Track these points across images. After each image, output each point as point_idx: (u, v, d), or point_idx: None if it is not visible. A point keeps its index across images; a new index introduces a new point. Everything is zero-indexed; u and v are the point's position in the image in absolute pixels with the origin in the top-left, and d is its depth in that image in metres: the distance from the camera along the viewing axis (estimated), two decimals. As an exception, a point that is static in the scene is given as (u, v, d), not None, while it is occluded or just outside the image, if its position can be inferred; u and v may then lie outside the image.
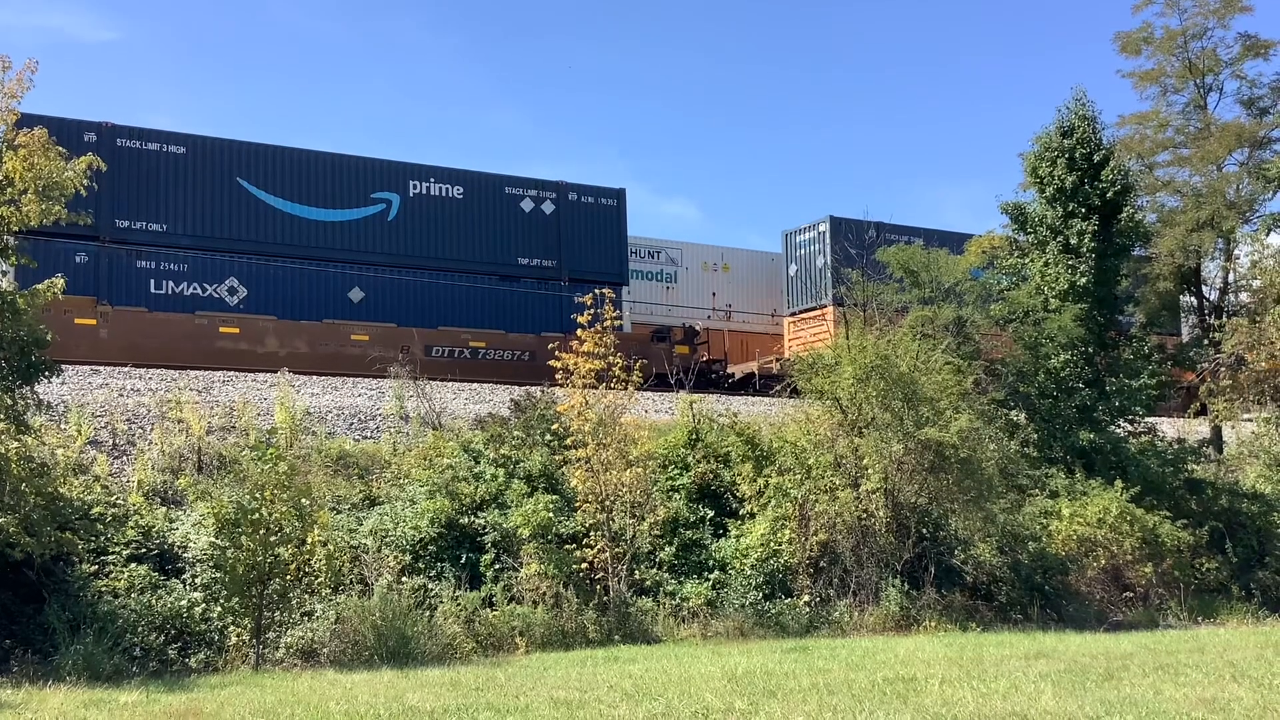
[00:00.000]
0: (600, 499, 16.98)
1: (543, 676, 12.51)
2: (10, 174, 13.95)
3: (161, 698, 11.11)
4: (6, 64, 14.28)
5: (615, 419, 17.43)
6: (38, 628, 13.40)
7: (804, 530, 18.14)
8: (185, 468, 17.24)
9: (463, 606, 15.57)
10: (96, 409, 18.40)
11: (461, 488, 17.54)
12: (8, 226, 14.07)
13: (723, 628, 16.57)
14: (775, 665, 13.04)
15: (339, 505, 17.01)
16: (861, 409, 19.01)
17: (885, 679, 11.82)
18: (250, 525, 13.88)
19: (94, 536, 14.73)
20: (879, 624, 17.40)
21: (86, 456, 16.80)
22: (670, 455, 19.76)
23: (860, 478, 18.67)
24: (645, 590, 17.16)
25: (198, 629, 14.04)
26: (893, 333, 20.78)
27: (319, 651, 14.16)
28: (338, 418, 20.58)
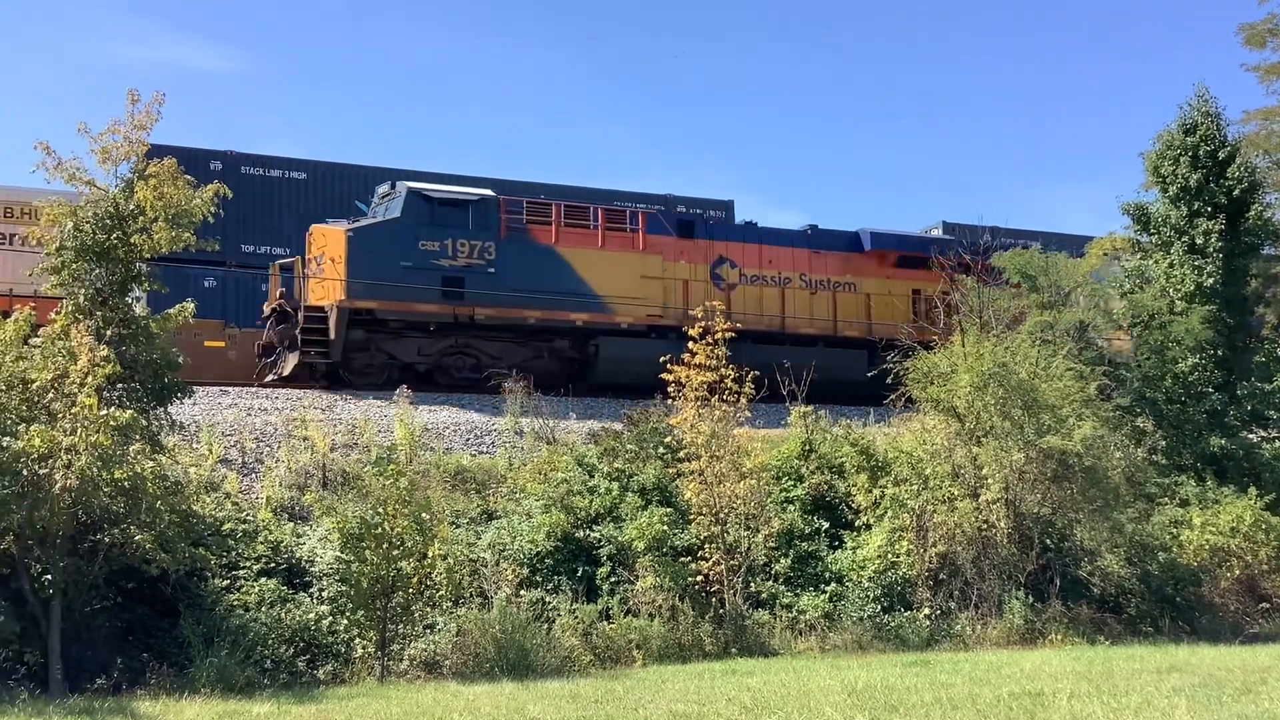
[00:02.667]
0: (714, 511, 16.97)
1: (661, 689, 12.55)
2: (141, 203, 14.54)
3: (292, 709, 11.44)
4: (135, 97, 14.90)
5: (728, 431, 17.41)
6: (173, 641, 13.87)
7: (922, 541, 17.87)
8: (311, 484, 17.73)
9: (580, 619, 15.69)
10: (226, 428, 19.04)
11: (576, 501, 17.70)
12: (140, 254, 14.67)
13: (841, 641, 16.41)
14: (896, 679, 12.86)
15: (458, 519, 17.29)
16: (979, 417, 18.67)
17: (1011, 694, 11.58)
18: (373, 539, 14.21)
19: (225, 552, 15.21)
20: (1002, 637, 17.03)
21: (218, 474, 17.38)
22: (784, 467, 19.65)
23: (980, 487, 18.32)
24: (761, 603, 17.08)
25: (325, 641, 14.39)
26: (1010, 339, 20.38)
27: (441, 663, 14.40)
28: (454, 433, 20.95)
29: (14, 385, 13.45)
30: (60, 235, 14.35)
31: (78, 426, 12.76)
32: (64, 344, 13.81)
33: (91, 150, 14.69)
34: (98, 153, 14.67)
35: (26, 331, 14.03)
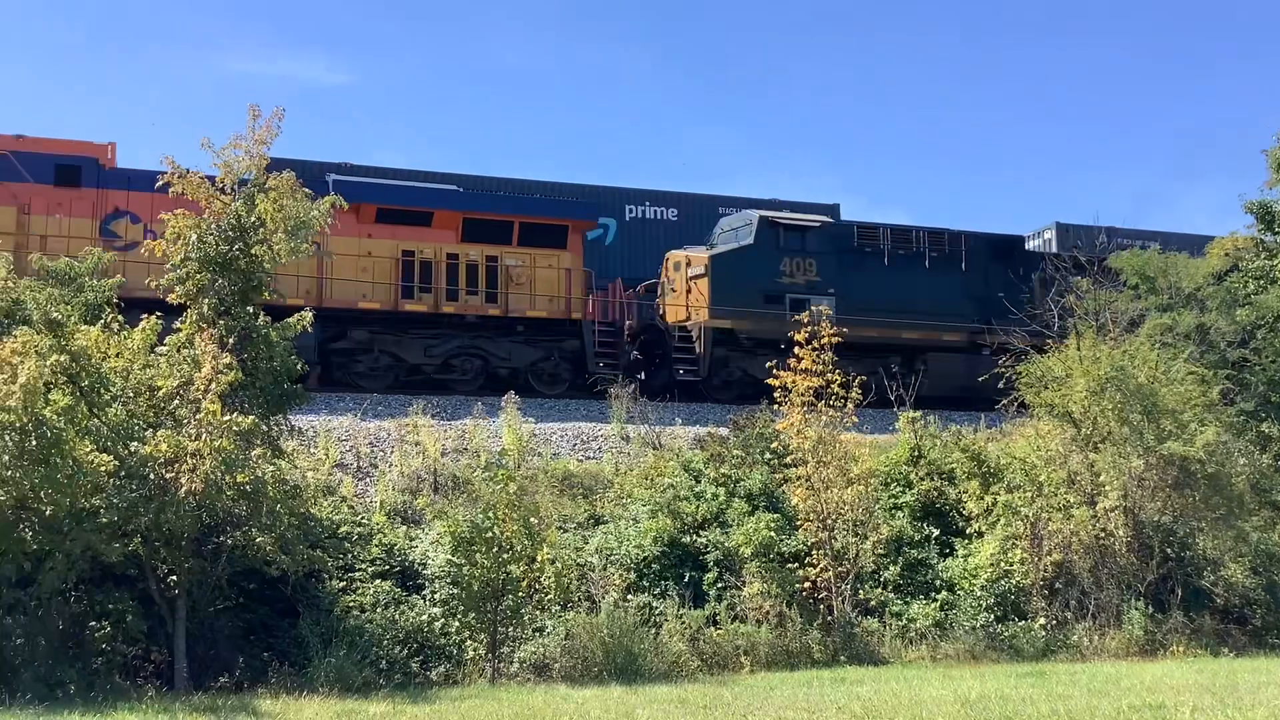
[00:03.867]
0: (821, 517, 16.85)
1: (769, 696, 12.49)
2: (262, 215, 15.01)
3: (407, 709, 11.68)
4: (257, 113, 15.38)
5: (834, 436, 17.28)
6: (292, 641, 14.26)
7: (1036, 550, 17.50)
8: (422, 488, 18.09)
9: (687, 625, 15.71)
10: (342, 433, 19.53)
11: (683, 506, 17.73)
12: (261, 264, 15.14)
13: (952, 650, 16.15)
14: (1011, 690, 12.61)
15: (565, 524, 17.47)
16: (1096, 422, 18.23)
17: (1131, 706, 11.28)
18: (484, 543, 14.43)
19: (342, 554, 15.60)
20: (1121, 649, 16.59)
21: (334, 478, 17.85)
22: (892, 473, 19.42)
23: (1097, 495, 17.88)
24: (870, 610, 16.90)
25: (438, 643, 14.67)
26: (1128, 342, 19.86)
27: (550, 666, 14.57)
28: (562, 439, 21.17)
29: (142, 392, 14.00)
30: (185, 247, 14.87)
31: (202, 432, 13.20)
32: (189, 352, 14.31)
33: (214, 164, 15.22)
34: (220, 167, 15.18)
35: (153, 340, 14.57)
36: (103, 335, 14.04)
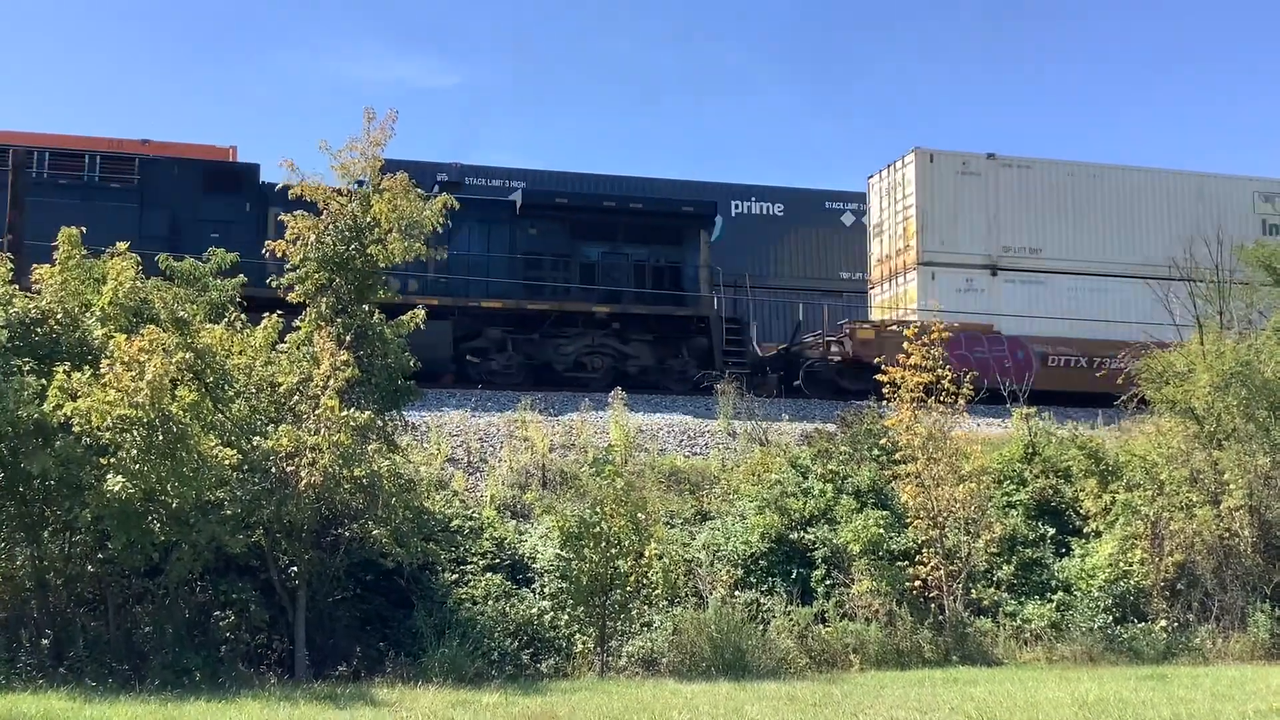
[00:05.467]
0: (932, 515, 16.60)
1: (880, 695, 12.38)
2: (377, 215, 15.36)
3: (519, 700, 11.84)
4: (371, 115, 15.75)
5: (945, 433, 17.01)
6: (407, 632, 14.56)
7: (1157, 550, 17.01)
8: (531, 483, 18.30)
9: (795, 621, 15.64)
10: (453, 429, 19.88)
11: (790, 503, 17.64)
12: (376, 264, 15.48)
13: (1069, 652, 15.79)
14: (1130, 693, 12.30)
15: (672, 520, 17.51)
16: (1220, 419, 17.66)
17: (1257, 711, 10.97)
18: (592, 538, 14.56)
19: (454, 547, 15.88)
20: (1246, 652, 16.05)
21: (446, 473, 18.17)
22: (1005, 470, 19.06)
23: (1221, 494, 17.31)
24: (983, 610, 16.61)
25: (547, 636, 14.85)
26: (1254, 336, 19.18)
27: (658, 661, 14.63)
28: (668, 435, 21.22)
29: (263, 388, 14.42)
30: (304, 247, 15.28)
31: (321, 427, 13.57)
32: (308, 349, 14.71)
33: (332, 166, 15.61)
34: (337, 169, 15.57)
35: (274, 338, 15.01)
36: (226, 333, 14.49)
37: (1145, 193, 28.75)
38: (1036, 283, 27.80)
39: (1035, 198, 28.15)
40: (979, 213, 27.81)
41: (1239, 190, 28.99)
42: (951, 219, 27.66)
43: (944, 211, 27.65)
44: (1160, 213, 28.54)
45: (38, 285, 14.54)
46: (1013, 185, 27.96)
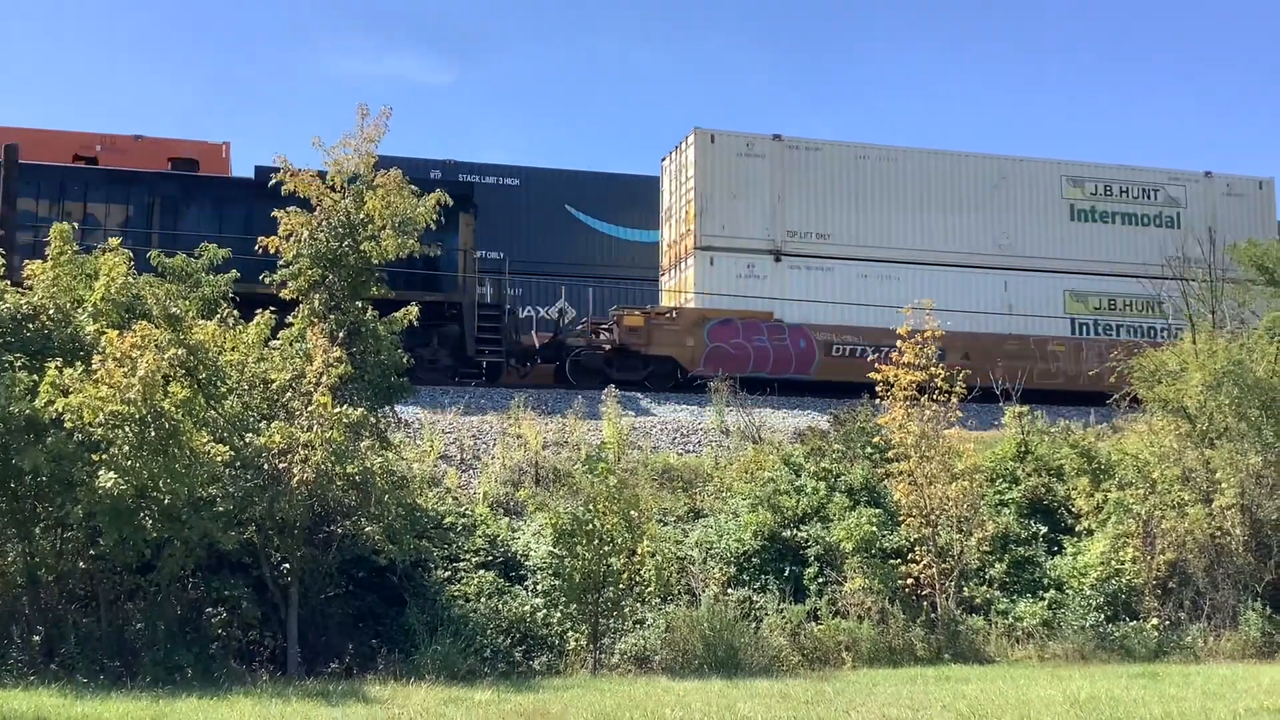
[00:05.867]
0: (924, 513, 16.63)
1: (872, 693, 12.40)
2: (371, 212, 15.34)
3: (511, 697, 11.84)
4: (365, 111, 15.75)
5: (938, 431, 17.04)
6: (399, 629, 14.54)
7: (1149, 549, 17.05)
8: (524, 480, 18.31)
9: (787, 619, 15.66)
10: (446, 426, 19.87)
11: (783, 501, 17.65)
12: (369, 260, 15.47)
13: (1061, 650, 15.82)
14: (1122, 691, 12.33)
15: (665, 517, 17.53)
16: (1212, 418, 17.70)
17: (1248, 709, 11.00)
18: (584, 536, 14.56)
19: (447, 544, 15.89)
20: (1237, 650, 16.08)
21: (438, 470, 18.17)
22: (997, 469, 19.10)
23: (1213, 492, 17.35)
24: (975, 608, 16.64)
25: (540, 633, 14.85)
26: (1246, 335, 19.23)
27: (651, 658, 14.64)
28: (661, 432, 21.24)
29: (256, 385, 14.40)
30: (297, 243, 15.26)
31: (314, 423, 13.55)
32: (301, 346, 14.70)
33: (325, 163, 15.59)
34: (330, 165, 15.55)
35: (267, 334, 14.99)
36: (219, 329, 14.47)
37: (946, 176, 27.70)
38: (823, 269, 26.65)
39: (824, 181, 27.05)
40: (762, 196, 26.58)
41: (1046, 174, 28.25)
42: (733, 202, 26.45)
43: (725, 195, 26.43)
44: (962, 197, 27.63)
45: (29, 281, 14.51)
46: (800, 168, 26.81)
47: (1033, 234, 27.72)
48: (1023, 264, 27.46)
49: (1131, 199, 28.51)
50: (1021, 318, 26.99)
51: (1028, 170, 28.19)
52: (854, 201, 27.05)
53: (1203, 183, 28.92)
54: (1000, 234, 27.49)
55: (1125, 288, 27.73)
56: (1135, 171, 28.91)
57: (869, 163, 27.24)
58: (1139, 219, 28.61)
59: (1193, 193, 28.74)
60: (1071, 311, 27.66)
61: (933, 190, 27.47)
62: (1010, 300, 27.20)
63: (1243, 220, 28.35)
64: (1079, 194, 28.30)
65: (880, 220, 27.08)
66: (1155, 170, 29.05)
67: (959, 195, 27.56)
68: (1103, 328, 27.75)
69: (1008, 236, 27.54)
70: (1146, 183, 28.74)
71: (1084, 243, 28.00)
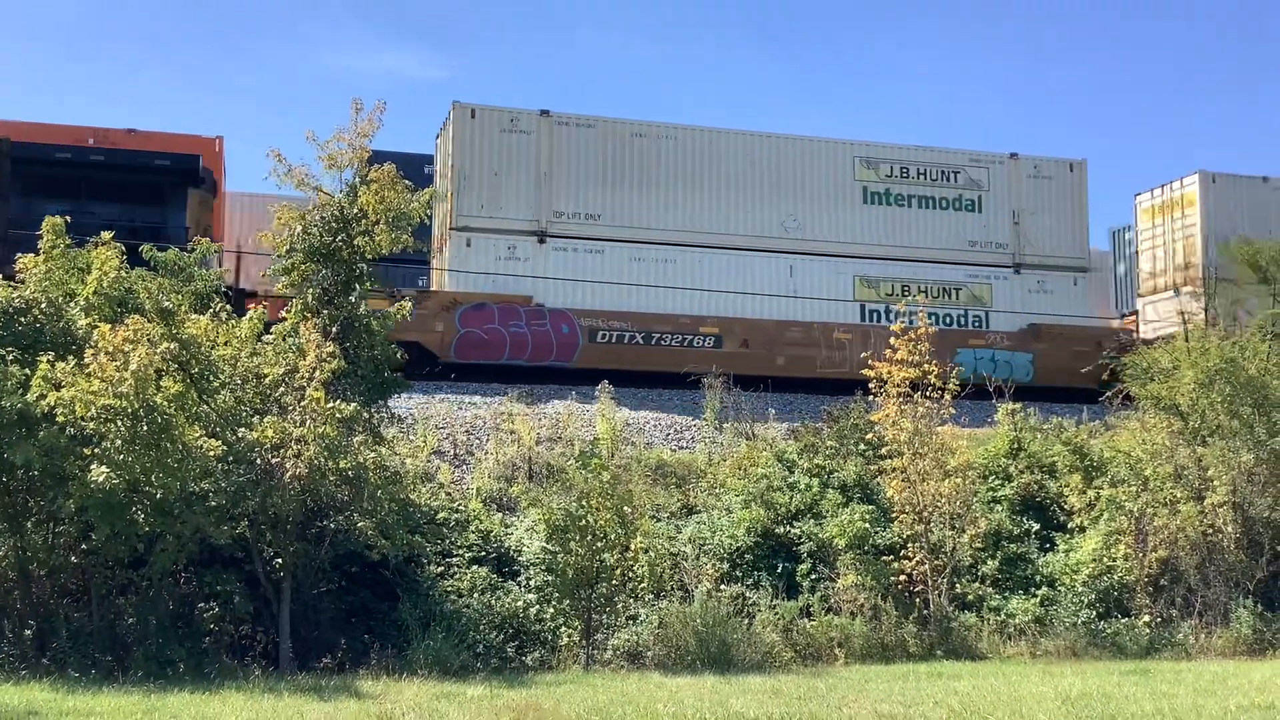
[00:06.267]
0: (917, 510, 16.64)
1: (864, 689, 12.42)
2: (364, 207, 15.32)
3: (504, 693, 11.85)
4: (359, 106, 15.73)
5: (931, 428, 17.05)
6: (392, 624, 14.54)
7: (1141, 546, 17.09)
8: (517, 476, 18.30)
9: (780, 615, 15.68)
10: (439, 421, 19.84)
11: (776, 497, 17.67)
12: (362, 255, 15.44)
13: (1053, 647, 15.86)
14: (1113, 688, 12.37)
15: (658, 513, 17.53)
16: (1204, 416, 17.73)
17: (1239, 706, 11.02)
18: (578, 531, 14.56)
19: (440, 539, 15.87)
20: (1228, 648, 16.13)
21: (432, 465, 18.15)
22: (990, 465, 19.12)
23: (1205, 490, 17.39)
24: (967, 605, 16.67)
25: (533, 629, 14.85)
26: (1238, 333, 19.27)
27: (644, 654, 14.64)
28: (655, 428, 21.24)
29: (249, 379, 14.37)
30: (290, 238, 15.23)
31: (306, 418, 13.54)
32: (294, 341, 14.67)
33: (319, 157, 15.57)
34: (324, 159, 15.52)
35: (260, 329, 14.95)
36: (211, 324, 14.44)
37: (730, 156, 26.30)
38: (593, 252, 25.16)
39: (596, 160, 25.51)
40: (527, 175, 25.06)
41: (838, 155, 26.95)
42: (494, 181, 24.98)
43: (485, 173, 24.97)
44: (747, 178, 26.25)
45: (22, 275, 14.46)
46: (569, 145, 25.33)
47: (822, 217, 26.55)
48: (811, 248, 26.27)
49: (930, 181, 27.25)
50: (808, 305, 25.89)
51: (818, 151, 26.96)
52: (628, 181, 25.61)
53: (1007, 164, 27.73)
54: (787, 216, 26.27)
55: (920, 273, 26.78)
56: (934, 153, 27.64)
57: (646, 141, 25.79)
58: (937, 202, 27.39)
59: (996, 175, 27.57)
60: (862, 297, 26.43)
61: (716, 170, 26.19)
62: (796, 286, 26.02)
63: (1051, 203, 27.68)
64: (873, 176, 27.06)
65: (657, 201, 25.70)
66: (956, 151, 27.78)
67: (743, 175, 26.30)
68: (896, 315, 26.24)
69: (795, 219, 26.35)
70: (946, 164, 27.46)
71: (877, 226, 26.82)
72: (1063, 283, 27.62)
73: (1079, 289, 27.86)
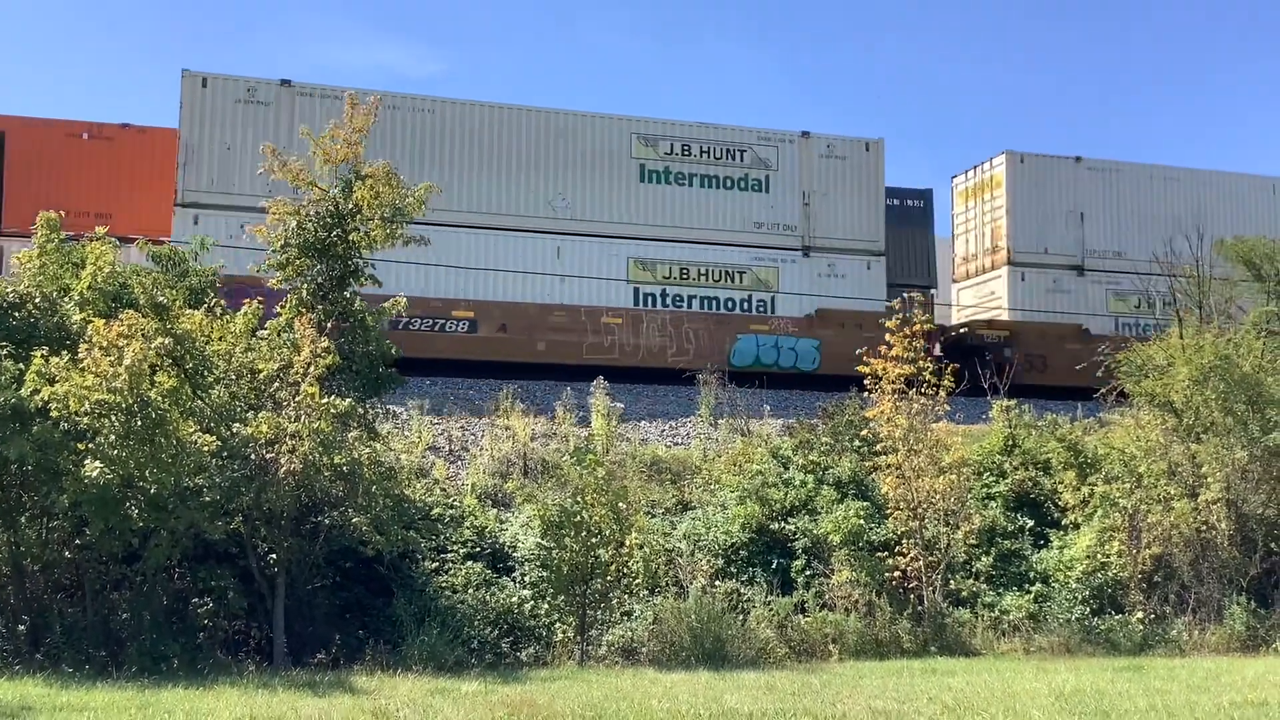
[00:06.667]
0: (912, 506, 16.66)
1: (858, 685, 12.43)
2: (359, 202, 15.29)
3: (498, 689, 11.84)
4: (354, 101, 15.68)
5: (925, 425, 17.07)
6: (387, 620, 14.52)
7: (1134, 543, 17.12)
8: (512, 472, 18.30)
9: (775, 611, 15.68)
10: (434, 416, 19.82)
11: (771, 493, 17.68)
12: (358, 250, 15.42)
13: (1046, 643, 15.89)
14: (1107, 685, 12.39)
15: (653, 510, 17.54)
16: (1199, 413, 17.76)
17: (1232, 703, 11.04)
18: (572, 527, 14.57)
19: (434, 535, 15.87)
20: (1222, 644, 16.17)
21: (426, 461, 18.14)
22: (985, 462, 19.14)
23: (1198, 487, 17.42)
24: (961, 601, 16.69)
25: (527, 624, 14.85)
26: (1232, 331, 19.30)
27: (638, 650, 14.64)
28: (650, 425, 21.24)
29: (243, 375, 14.34)
30: (285, 233, 15.20)
31: (301, 414, 13.51)
32: (288, 336, 14.64)
33: (313, 153, 15.51)
34: (319, 155, 15.47)
35: (254, 325, 14.93)
36: (206, 319, 14.41)
37: (492, 132, 25.37)
38: None
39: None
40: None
41: (614, 131, 25.97)
42: (226, 155, 23.72)
43: (217, 146, 23.81)
44: (511, 154, 25.34)
45: (15, 269, 14.43)
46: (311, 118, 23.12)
47: (595, 196, 25.57)
48: (581, 228, 25.36)
49: (714, 160, 26.35)
50: (576, 287, 24.93)
51: (591, 126, 25.91)
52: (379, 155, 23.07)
53: (798, 143, 26.93)
54: (555, 194, 25.30)
55: (701, 256, 25.97)
56: (719, 130, 26.71)
57: (400, 113, 24.76)
58: (722, 182, 26.43)
59: (786, 154, 26.76)
60: (637, 280, 25.40)
61: (475, 145, 25.23)
62: (564, 267, 25.05)
63: (844, 183, 26.98)
64: (651, 153, 26.04)
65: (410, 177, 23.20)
66: (743, 129, 26.86)
67: (506, 151, 25.34)
68: (672, 298, 25.72)
69: (564, 198, 25.35)
70: (732, 142, 26.56)
71: (655, 206, 25.89)
72: (855, 266, 26.82)
73: (873, 273, 27.00)
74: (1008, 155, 28.88)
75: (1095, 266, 28.96)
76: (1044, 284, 28.54)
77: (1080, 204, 28.93)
